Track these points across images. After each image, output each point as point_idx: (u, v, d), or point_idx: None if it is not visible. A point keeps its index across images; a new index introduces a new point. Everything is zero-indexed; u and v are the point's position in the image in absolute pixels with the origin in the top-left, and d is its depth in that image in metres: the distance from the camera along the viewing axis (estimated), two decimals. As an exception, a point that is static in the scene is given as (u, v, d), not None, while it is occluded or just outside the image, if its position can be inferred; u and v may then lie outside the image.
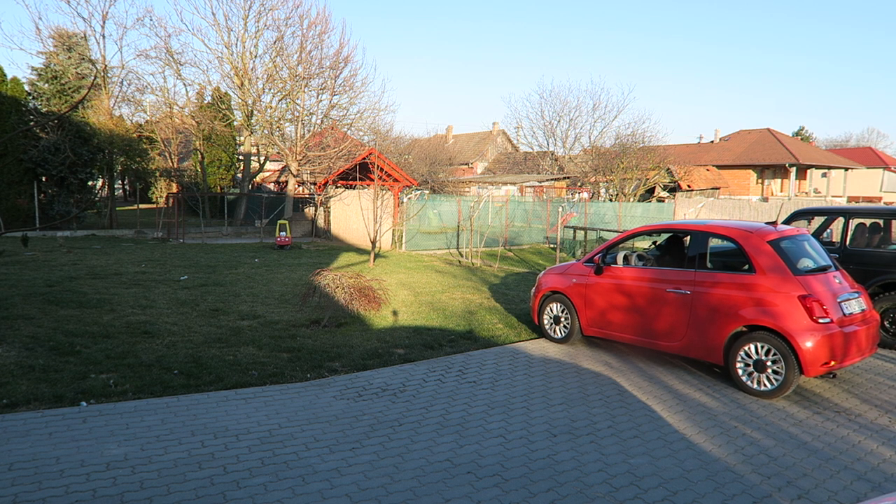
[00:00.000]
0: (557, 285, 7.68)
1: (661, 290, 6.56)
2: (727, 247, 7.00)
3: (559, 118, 40.38)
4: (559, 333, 7.73)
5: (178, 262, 14.35)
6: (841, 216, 9.63)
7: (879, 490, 4.07)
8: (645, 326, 6.73)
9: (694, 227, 6.73)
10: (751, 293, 5.91)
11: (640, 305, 6.76)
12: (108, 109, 24.20)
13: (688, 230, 6.87)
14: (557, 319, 7.74)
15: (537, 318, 7.99)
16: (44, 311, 8.34)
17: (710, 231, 6.54)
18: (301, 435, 4.64)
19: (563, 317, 7.65)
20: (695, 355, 6.34)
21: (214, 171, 33.08)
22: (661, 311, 6.55)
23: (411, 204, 19.93)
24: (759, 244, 6.07)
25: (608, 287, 7.11)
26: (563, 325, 7.68)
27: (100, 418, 4.78)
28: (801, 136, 58.95)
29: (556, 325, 7.76)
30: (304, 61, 23.82)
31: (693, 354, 6.35)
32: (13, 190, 20.77)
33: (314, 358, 6.64)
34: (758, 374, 5.84)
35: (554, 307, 7.77)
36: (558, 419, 5.15)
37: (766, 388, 5.79)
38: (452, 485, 3.94)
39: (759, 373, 5.82)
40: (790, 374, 5.61)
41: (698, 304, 6.25)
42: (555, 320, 7.78)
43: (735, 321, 5.96)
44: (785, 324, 5.63)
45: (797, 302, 5.68)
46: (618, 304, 7.00)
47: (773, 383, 5.75)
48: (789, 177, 37.53)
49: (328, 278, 8.13)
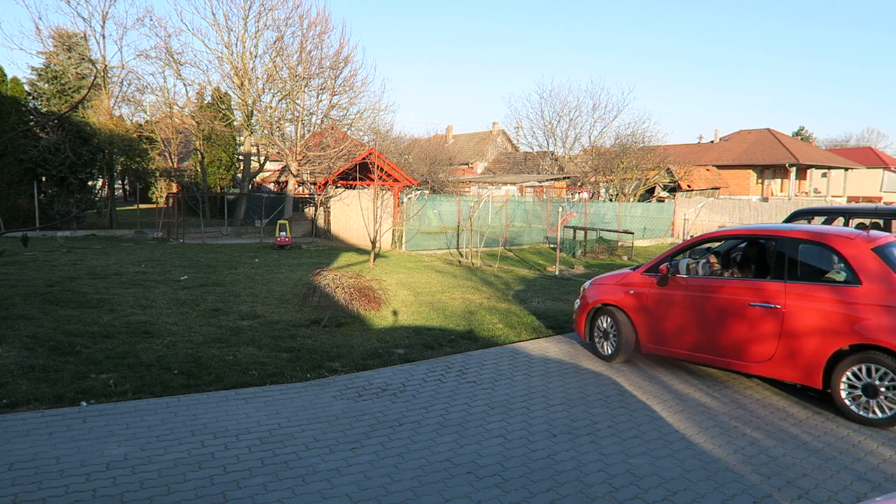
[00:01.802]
0: (609, 297, 6.97)
1: (744, 303, 5.81)
2: (817, 253, 6.02)
3: (559, 118, 40.42)
4: (607, 350, 6.98)
5: (178, 262, 14.35)
6: (841, 216, 9.64)
7: (879, 490, 4.07)
8: (720, 344, 5.96)
9: (782, 233, 5.96)
10: (856, 307, 5.20)
11: (716, 321, 6.01)
12: (108, 109, 24.20)
13: (774, 236, 6.06)
14: (606, 334, 7.00)
15: (585, 334, 7.32)
16: (44, 311, 8.34)
17: (802, 237, 5.81)
18: (301, 435, 4.64)
19: (612, 332, 6.91)
20: (785, 377, 5.61)
21: (214, 171, 33.08)
22: (743, 327, 5.79)
23: (411, 204, 19.94)
24: (863, 252, 5.39)
25: (676, 299, 6.35)
26: (611, 340, 6.94)
27: (100, 418, 4.78)
28: (801, 136, 58.97)
29: (605, 340, 7.01)
30: (304, 61, 23.83)
31: (783, 376, 5.62)
32: (13, 190, 20.78)
33: (314, 358, 6.64)
34: (867, 399, 5.13)
35: (603, 320, 7.05)
36: (558, 419, 5.15)
37: (878, 417, 5.08)
38: (452, 485, 3.94)
39: (870, 398, 5.11)
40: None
41: (791, 319, 5.51)
42: (603, 335, 7.04)
43: (838, 339, 5.24)
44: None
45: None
46: (687, 319, 6.25)
47: (887, 411, 5.04)
48: (789, 177, 37.54)
49: (328, 278, 8.13)
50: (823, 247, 5.73)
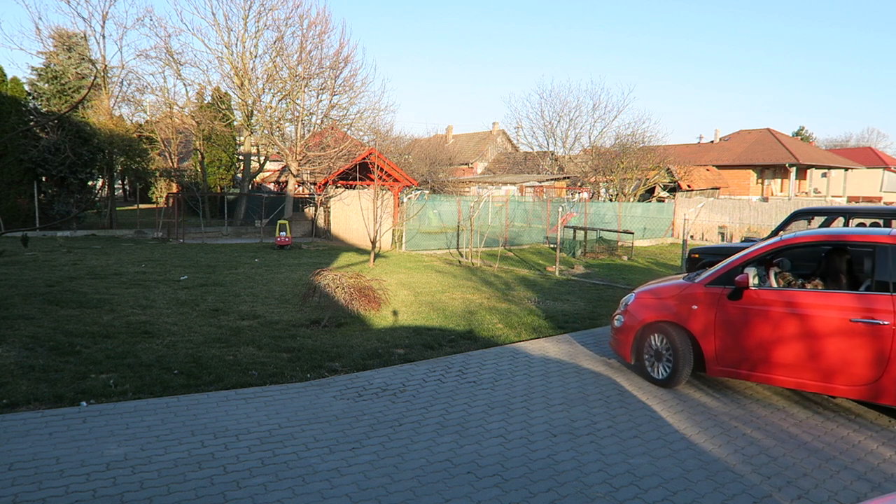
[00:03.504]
0: (665, 314, 6.12)
1: (842, 319, 5.16)
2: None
3: (559, 118, 40.40)
4: (660, 373, 6.15)
5: (178, 262, 14.35)
6: (841, 216, 9.64)
7: (879, 490, 4.07)
8: (814, 366, 5.30)
9: (884, 240, 5.27)
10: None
11: (807, 339, 5.35)
12: (108, 109, 24.20)
13: (874, 242, 5.36)
14: (659, 355, 6.17)
15: (631, 355, 6.40)
16: (44, 311, 8.34)
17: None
18: (301, 435, 4.64)
19: (667, 353, 6.08)
20: (893, 402, 5.03)
21: (214, 171, 33.08)
22: (842, 346, 5.16)
23: (411, 204, 19.94)
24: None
25: (754, 315, 5.58)
26: (664, 363, 6.12)
27: (100, 418, 4.78)
28: (801, 136, 58.96)
29: (658, 362, 6.18)
30: (304, 61, 23.84)
31: (890, 401, 5.03)
32: (13, 190, 20.78)
33: (314, 358, 6.64)
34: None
35: (655, 340, 6.21)
36: (558, 419, 5.15)
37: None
38: (452, 485, 3.94)
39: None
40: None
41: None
42: (655, 356, 6.20)
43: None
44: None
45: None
46: (769, 338, 5.52)
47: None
48: (789, 177, 37.53)
49: (328, 278, 8.13)
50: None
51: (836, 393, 5.30)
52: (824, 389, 5.33)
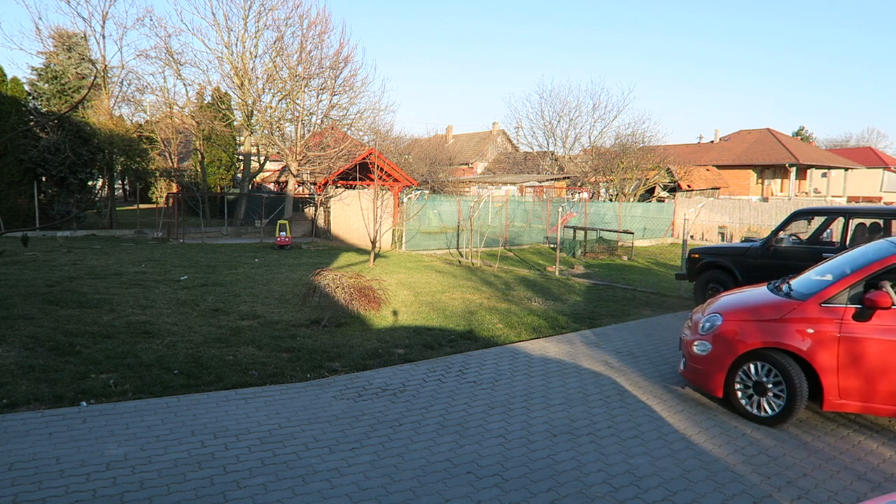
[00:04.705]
0: (770, 338, 5.19)
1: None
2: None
3: (559, 118, 40.39)
4: (768, 409, 5.18)
5: (178, 262, 14.35)
6: (841, 216, 9.63)
7: (879, 490, 4.07)
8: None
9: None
10: None
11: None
12: (108, 109, 24.20)
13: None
14: (762, 389, 5.23)
15: (722, 389, 5.41)
16: (44, 311, 8.34)
17: None
18: (301, 435, 4.64)
19: (774, 385, 5.18)
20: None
21: (214, 171, 33.08)
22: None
23: (411, 204, 19.94)
24: None
25: (892, 339, 4.80)
26: (770, 397, 5.20)
27: (100, 418, 4.78)
28: (801, 136, 58.96)
29: (761, 396, 5.23)
30: (304, 61, 23.83)
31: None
32: (13, 190, 20.78)
33: (314, 358, 6.64)
34: None
35: (757, 369, 5.29)
36: (558, 419, 5.15)
37: None
38: (452, 485, 3.94)
39: None
40: None
41: None
42: (757, 390, 5.26)
43: None
44: None
45: None
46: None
47: None
48: (789, 177, 37.53)
49: (328, 278, 8.13)
50: None
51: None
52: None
